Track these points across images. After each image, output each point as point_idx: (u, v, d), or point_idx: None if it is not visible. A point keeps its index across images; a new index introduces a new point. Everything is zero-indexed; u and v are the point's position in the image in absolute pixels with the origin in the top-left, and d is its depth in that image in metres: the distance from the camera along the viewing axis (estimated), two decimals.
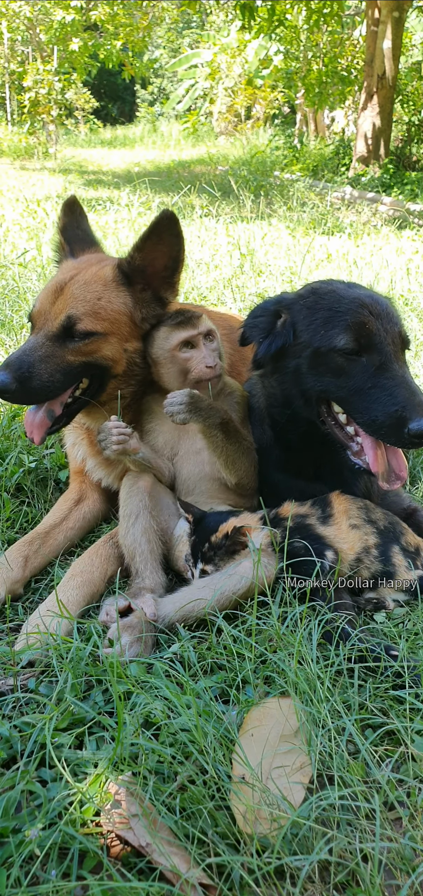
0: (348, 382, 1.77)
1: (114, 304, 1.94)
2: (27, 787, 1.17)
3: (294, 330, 1.87)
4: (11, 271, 4.60)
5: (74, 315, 1.89)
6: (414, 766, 1.30)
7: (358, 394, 1.76)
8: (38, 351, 1.87)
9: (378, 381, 1.73)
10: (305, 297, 1.90)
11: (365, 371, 1.75)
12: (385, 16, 11.97)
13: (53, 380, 1.86)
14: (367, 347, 1.76)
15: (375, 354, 1.75)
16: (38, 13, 16.66)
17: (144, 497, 1.87)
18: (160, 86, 34.35)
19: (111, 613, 1.67)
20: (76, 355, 1.90)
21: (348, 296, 1.81)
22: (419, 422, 1.64)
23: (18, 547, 1.92)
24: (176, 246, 1.99)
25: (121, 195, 9.24)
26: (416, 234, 8.23)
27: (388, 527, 1.83)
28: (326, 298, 1.84)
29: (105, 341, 1.93)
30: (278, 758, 1.26)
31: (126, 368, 1.99)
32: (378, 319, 1.77)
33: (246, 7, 12.12)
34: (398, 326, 1.81)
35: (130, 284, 1.99)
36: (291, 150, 16.00)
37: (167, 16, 19.02)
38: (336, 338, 1.76)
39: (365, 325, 1.75)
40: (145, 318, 1.99)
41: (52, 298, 1.96)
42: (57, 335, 1.89)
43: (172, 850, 1.09)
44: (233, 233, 6.79)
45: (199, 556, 1.78)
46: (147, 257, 1.98)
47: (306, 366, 1.84)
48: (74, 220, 2.30)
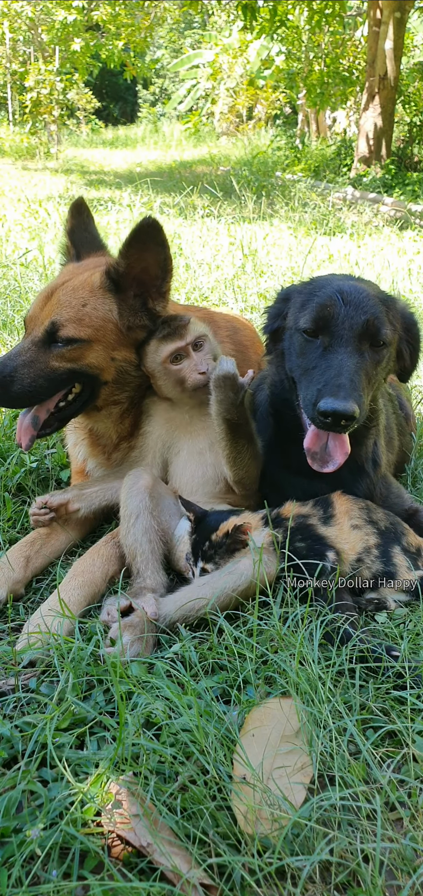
0: (302, 362, 1.83)
1: (99, 311, 1.91)
2: (28, 787, 1.17)
3: (287, 312, 1.94)
4: (13, 271, 4.60)
5: (57, 321, 1.88)
6: (416, 767, 1.30)
7: (306, 373, 1.80)
8: (23, 356, 1.87)
9: (320, 362, 1.76)
10: (305, 283, 1.97)
11: (315, 351, 1.79)
12: (387, 16, 11.96)
13: (36, 385, 1.86)
14: (323, 329, 1.78)
15: (327, 336, 1.78)
16: (40, 13, 16.65)
17: (145, 497, 1.87)
18: (162, 86, 34.36)
19: (112, 613, 1.67)
20: (60, 361, 1.89)
21: (332, 285, 1.84)
22: (327, 400, 1.63)
23: (20, 547, 1.92)
24: (161, 254, 1.94)
25: (123, 195, 9.24)
26: (417, 234, 8.23)
27: (389, 527, 1.83)
28: (314, 285, 1.90)
29: (89, 348, 1.91)
30: (279, 758, 1.26)
31: (117, 376, 1.97)
32: (346, 306, 1.78)
33: (248, 7, 12.11)
34: (365, 315, 1.77)
35: (118, 291, 1.95)
36: (292, 150, 15.99)
37: (169, 16, 18.97)
38: (302, 318, 1.82)
39: (326, 308, 1.78)
40: (132, 326, 1.95)
41: (42, 303, 1.96)
42: (41, 340, 1.89)
43: (174, 851, 1.09)
44: (235, 233, 6.79)
45: (199, 554, 1.78)
46: (135, 264, 1.94)
47: (287, 346, 1.92)
48: (82, 222, 2.26)
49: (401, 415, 2.44)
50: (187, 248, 5.82)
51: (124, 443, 2.12)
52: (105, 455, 2.16)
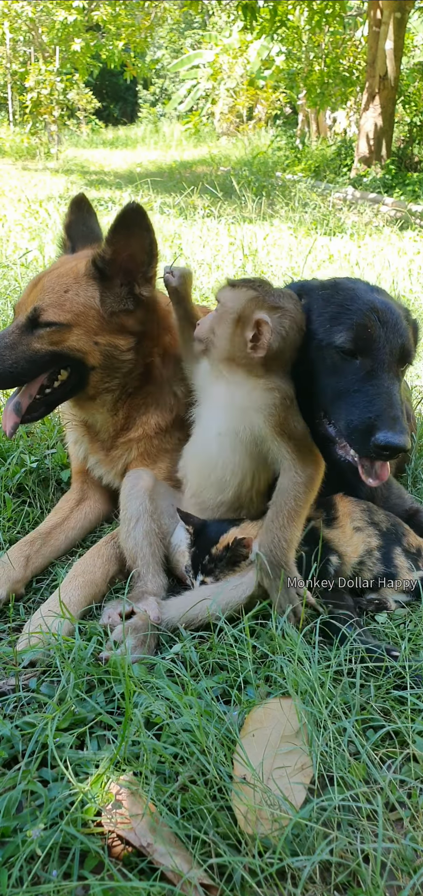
0: (338, 382, 1.78)
1: (80, 296, 1.96)
2: (29, 787, 1.17)
3: (308, 318, 1.87)
4: (13, 271, 4.61)
5: (39, 306, 1.94)
6: (416, 767, 1.30)
7: (343, 395, 1.76)
8: (6, 338, 1.94)
9: (363, 387, 1.73)
10: (325, 288, 1.91)
11: (356, 373, 1.75)
12: (387, 16, 11.96)
13: (17, 366, 1.92)
14: (363, 351, 1.75)
15: (368, 359, 1.75)
16: (41, 14, 16.66)
17: (145, 499, 1.87)
18: (162, 86, 34.35)
19: (113, 617, 1.67)
20: (41, 343, 1.94)
21: (363, 297, 1.80)
22: (386, 434, 1.63)
23: (20, 547, 1.92)
24: (147, 238, 1.96)
25: (123, 196, 9.25)
26: (418, 234, 8.23)
27: (390, 528, 1.83)
28: (342, 294, 1.84)
29: (69, 332, 1.95)
30: (279, 758, 1.26)
31: (103, 360, 1.99)
32: (384, 327, 1.76)
33: (248, 8, 12.11)
34: (402, 339, 1.79)
35: (103, 279, 1.98)
36: (293, 150, 16.00)
37: (169, 16, 18.99)
38: (338, 334, 1.77)
39: (367, 329, 1.74)
40: (116, 312, 1.98)
41: (29, 291, 2.03)
42: (24, 325, 1.95)
43: (174, 851, 1.09)
44: (235, 233, 6.79)
45: (199, 568, 1.76)
46: (120, 251, 1.96)
47: (312, 359, 1.85)
48: (81, 217, 2.32)
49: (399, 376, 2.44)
50: (188, 248, 5.82)
51: (122, 438, 2.13)
52: (104, 451, 2.16)
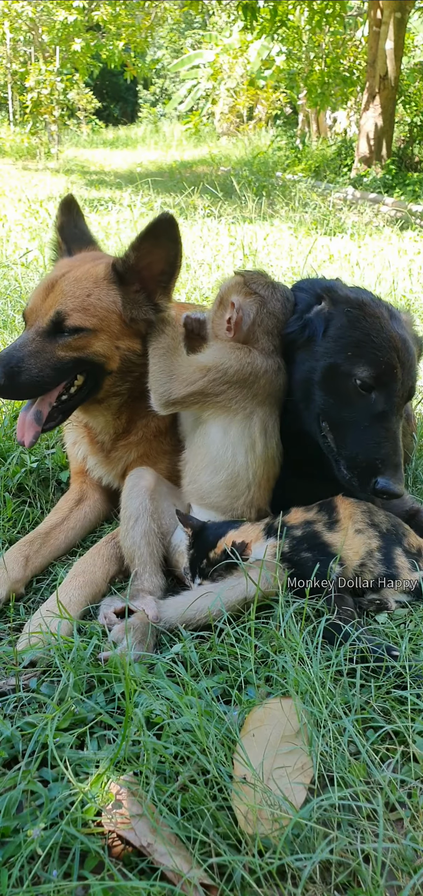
0: (349, 413, 1.78)
1: (103, 301, 1.94)
2: (29, 787, 1.17)
3: (326, 329, 1.84)
4: (14, 271, 4.61)
5: (62, 311, 1.89)
6: (416, 767, 1.30)
7: (352, 427, 1.78)
8: (29, 346, 1.88)
9: (374, 426, 1.76)
10: (352, 305, 1.84)
11: (369, 410, 1.77)
12: (387, 16, 11.96)
13: (43, 375, 1.87)
14: (380, 388, 1.76)
15: (383, 398, 1.76)
16: (41, 13, 16.65)
17: (145, 499, 1.86)
18: (162, 86, 34.34)
19: (109, 616, 1.67)
20: (66, 350, 1.90)
21: (387, 330, 1.79)
22: (388, 482, 1.72)
23: (19, 547, 1.92)
24: (173, 250, 1.95)
25: (123, 196, 9.24)
26: (418, 234, 8.23)
27: (391, 529, 1.83)
28: (368, 322, 1.80)
29: (95, 337, 1.93)
30: (279, 758, 1.26)
31: (121, 365, 1.99)
32: (402, 368, 1.78)
33: (248, 7, 12.12)
34: (413, 381, 1.83)
35: (122, 283, 1.97)
36: (293, 150, 15.98)
37: (169, 16, 19.00)
38: (360, 367, 1.75)
39: (393, 369, 1.76)
40: (135, 318, 1.97)
41: (43, 295, 1.97)
42: (47, 331, 1.90)
43: (174, 850, 1.09)
44: (235, 233, 6.79)
45: (197, 571, 1.76)
46: (143, 258, 1.96)
47: (319, 375, 1.83)
48: (72, 218, 2.30)
49: (402, 415, 2.44)
50: (188, 248, 5.82)
51: (122, 441, 2.13)
52: (103, 453, 2.16)
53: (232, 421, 1.83)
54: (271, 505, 1.93)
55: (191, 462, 1.93)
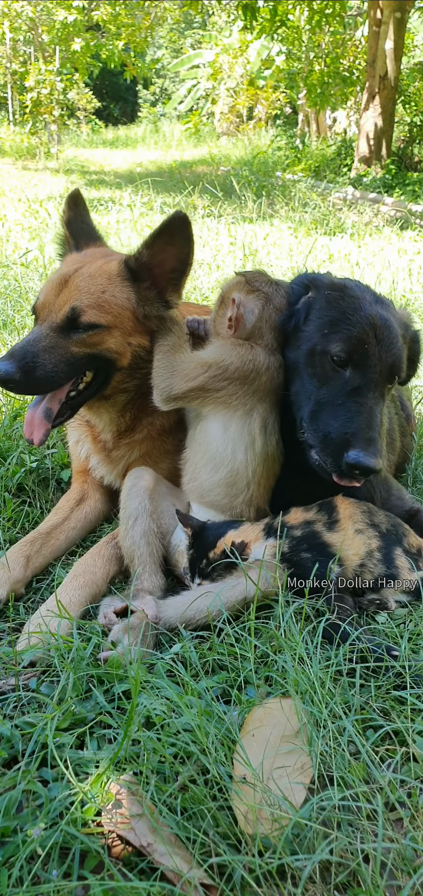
0: (326, 393, 1.76)
1: (117, 297, 1.95)
2: (29, 787, 1.17)
3: (308, 314, 1.85)
4: (13, 271, 4.60)
5: (78, 306, 1.89)
6: (416, 767, 1.30)
7: (326, 405, 1.75)
8: (43, 341, 1.87)
9: (347, 401, 1.73)
10: (333, 289, 1.86)
11: (343, 386, 1.74)
12: (387, 16, 11.95)
13: (58, 370, 1.87)
14: (354, 364, 1.74)
15: (358, 374, 1.74)
16: (41, 13, 16.64)
17: (145, 499, 1.86)
18: (162, 86, 34.34)
19: (109, 616, 1.67)
20: (80, 346, 1.90)
21: (366, 309, 1.78)
22: (358, 454, 1.63)
23: (20, 547, 1.92)
24: (185, 248, 1.99)
25: (123, 195, 9.24)
26: (418, 234, 8.23)
27: (390, 529, 1.83)
28: (347, 301, 1.80)
29: (109, 334, 1.93)
30: (279, 758, 1.26)
31: (131, 361, 1.99)
32: (379, 344, 1.75)
33: (248, 7, 12.11)
34: (393, 357, 1.78)
35: (135, 280, 1.99)
36: (293, 150, 15.98)
37: (169, 16, 18.97)
38: (334, 343, 1.75)
39: (364, 344, 1.73)
40: (148, 315, 1.99)
41: (56, 290, 1.96)
42: (61, 326, 1.90)
43: (174, 850, 1.09)
44: (235, 233, 6.79)
45: (196, 571, 1.76)
46: (156, 256, 1.98)
47: (302, 361, 1.84)
48: (79, 214, 2.30)
49: (402, 415, 2.44)
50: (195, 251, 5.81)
51: (126, 439, 2.13)
52: (106, 451, 2.16)
53: (232, 417, 1.83)
54: (271, 505, 1.93)
55: (191, 460, 1.93)
